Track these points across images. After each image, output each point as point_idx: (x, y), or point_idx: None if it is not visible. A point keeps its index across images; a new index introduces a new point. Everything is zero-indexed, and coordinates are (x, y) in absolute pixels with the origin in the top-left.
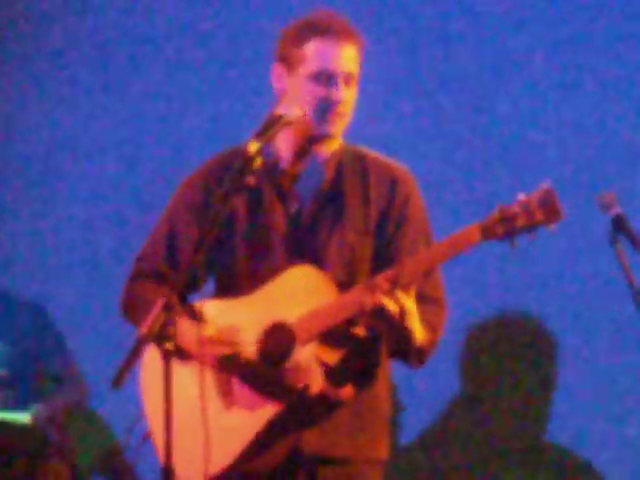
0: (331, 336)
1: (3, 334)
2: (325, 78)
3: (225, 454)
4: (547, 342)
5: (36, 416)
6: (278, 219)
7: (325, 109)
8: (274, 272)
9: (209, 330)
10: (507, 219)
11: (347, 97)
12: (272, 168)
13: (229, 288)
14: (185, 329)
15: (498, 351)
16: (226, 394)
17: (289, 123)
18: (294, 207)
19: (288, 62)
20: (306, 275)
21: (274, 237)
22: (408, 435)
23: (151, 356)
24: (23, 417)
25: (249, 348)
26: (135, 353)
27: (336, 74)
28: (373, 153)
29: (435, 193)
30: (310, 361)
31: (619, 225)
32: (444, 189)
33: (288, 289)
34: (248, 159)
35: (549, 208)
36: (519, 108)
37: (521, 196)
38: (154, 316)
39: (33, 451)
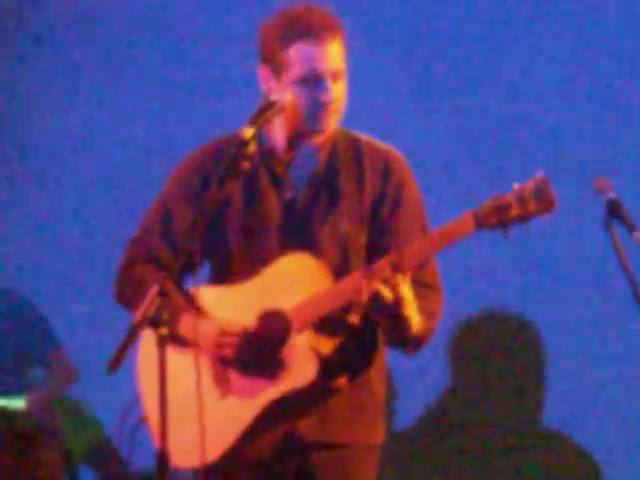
0: (326, 324)
1: None
2: (313, 80)
3: (220, 442)
4: (535, 330)
5: (30, 402)
6: (273, 206)
7: (317, 109)
8: (269, 259)
9: (212, 328)
10: (501, 208)
11: (337, 94)
12: (267, 155)
13: (225, 273)
14: (189, 325)
15: (488, 340)
16: (222, 382)
17: (283, 108)
18: (288, 194)
19: (273, 65)
20: (301, 262)
21: (269, 224)
22: (403, 421)
23: (147, 341)
24: (17, 403)
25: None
26: (130, 338)
27: (323, 75)
28: (367, 137)
29: (428, 180)
30: (305, 348)
31: (614, 209)
32: (435, 175)
33: (283, 276)
34: (243, 144)
35: (543, 198)
36: (516, 90)
37: (515, 186)
38: (149, 301)
39: (26, 438)
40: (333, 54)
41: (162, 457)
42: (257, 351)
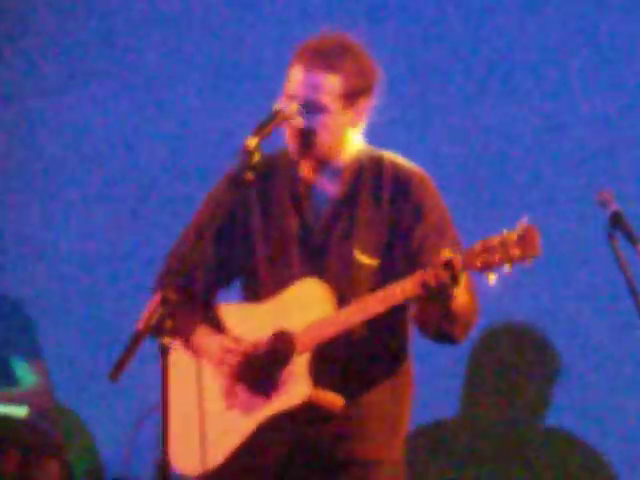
0: (330, 348)
1: None
2: (290, 101)
3: (219, 452)
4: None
5: (32, 409)
6: (293, 228)
7: (290, 132)
8: (289, 280)
9: (217, 344)
10: (486, 252)
11: (310, 124)
12: (292, 175)
13: (252, 291)
14: (198, 339)
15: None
16: (230, 396)
17: (286, 118)
18: (309, 217)
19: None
20: (310, 288)
21: (290, 245)
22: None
23: (179, 355)
24: (19, 411)
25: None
26: (132, 347)
27: (295, 100)
28: (390, 155)
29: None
30: (301, 371)
31: (617, 222)
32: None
33: (295, 301)
34: (246, 155)
35: (527, 244)
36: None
37: (504, 231)
38: (151, 310)
39: (29, 446)
40: (313, 84)
41: (164, 465)
42: (259, 369)
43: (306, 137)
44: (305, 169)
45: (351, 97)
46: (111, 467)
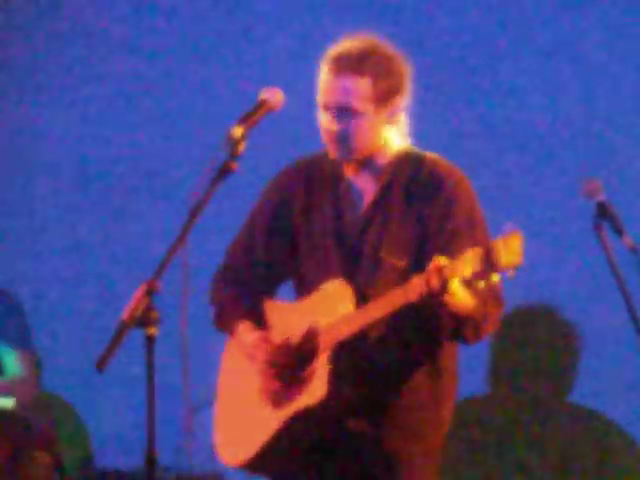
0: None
1: None
2: (324, 108)
3: (250, 446)
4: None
5: (19, 399)
6: (332, 228)
7: (326, 137)
8: (326, 278)
9: (250, 339)
10: (475, 261)
11: (345, 128)
12: (332, 175)
13: (297, 289)
14: (243, 334)
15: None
16: (264, 391)
17: (272, 108)
18: (348, 217)
19: None
20: (335, 288)
21: (329, 245)
22: None
23: (232, 350)
24: (6, 402)
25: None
26: (118, 338)
27: (328, 106)
28: (433, 157)
29: None
30: (322, 369)
31: (603, 211)
32: None
33: (322, 301)
34: (232, 144)
35: (510, 254)
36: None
37: (492, 240)
38: (136, 301)
39: (19, 438)
40: (342, 88)
41: (150, 463)
42: (286, 366)
43: (342, 141)
44: (347, 169)
45: (383, 98)
46: (100, 457)
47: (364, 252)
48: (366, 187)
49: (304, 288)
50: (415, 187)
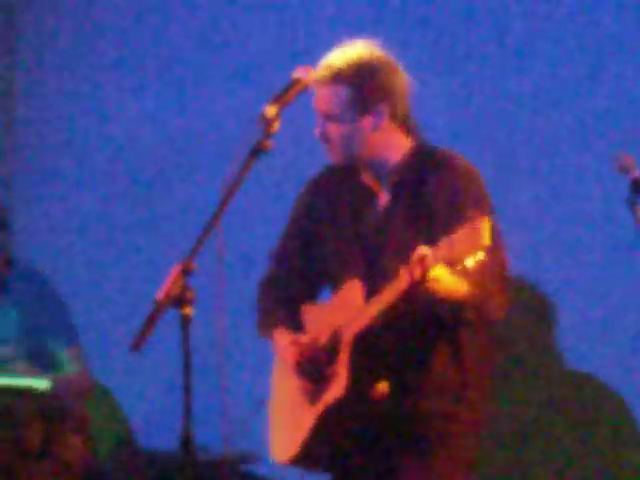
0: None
1: (17, 304)
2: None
3: (293, 444)
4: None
5: (54, 384)
6: (354, 233)
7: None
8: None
9: (283, 341)
10: (450, 246)
11: (328, 131)
12: (353, 181)
13: (331, 291)
14: (278, 336)
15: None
16: (303, 390)
17: (305, 86)
18: (367, 222)
19: None
20: (350, 289)
21: (353, 250)
22: None
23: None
24: (41, 383)
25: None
26: (153, 318)
27: (317, 113)
28: (445, 151)
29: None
30: (343, 366)
31: (638, 188)
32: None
33: (341, 300)
34: (265, 123)
35: (476, 237)
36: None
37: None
38: (171, 281)
39: (50, 418)
40: (322, 97)
41: (187, 442)
42: (313, 366)
43: (329, 145)
44: (363, 175)
45: (365, 105)
46: (139, 437)
47: (382, 252)
48: (380, 190)
49: (333, 290)
50: (424, 183)
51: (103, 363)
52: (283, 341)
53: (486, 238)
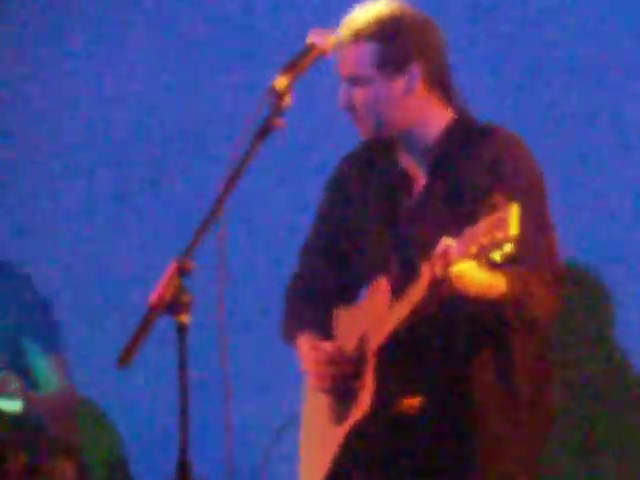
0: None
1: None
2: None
3: (322, 466)
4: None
5: (29, 405)
6: (386, 218)
7: (345, 113)
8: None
9: (304, 349)
10: (476, 238)
11: (353, 99)
12: (386, 164)
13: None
14: (301, 344)
15: None
16: (334, 409)
17: (322, 52)
18: (401, 209)
19: None
20: (376, 289)
21: (385, 242)
22: None
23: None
24: (10, 405)
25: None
26: (144, 327)
27: (341, 79)
28: (489, 125)
29: None
30: (368, 378)
31: None
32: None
33: (369, 302)
34: (276, 97)
35: (506, 226)
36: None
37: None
38: (165, 282)
39: (30, 446)
40: (347, 59)
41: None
42: (336, 378)
43: (356, 114)
44: (399, 154)
45: (393, 62)
46: (133, 461)
47: (415, 245)
48: (416, 170)
49: (366, 288)
50: (464, 163)
51: (91, 377)
52: (305, 348)
53: (514, 228)
